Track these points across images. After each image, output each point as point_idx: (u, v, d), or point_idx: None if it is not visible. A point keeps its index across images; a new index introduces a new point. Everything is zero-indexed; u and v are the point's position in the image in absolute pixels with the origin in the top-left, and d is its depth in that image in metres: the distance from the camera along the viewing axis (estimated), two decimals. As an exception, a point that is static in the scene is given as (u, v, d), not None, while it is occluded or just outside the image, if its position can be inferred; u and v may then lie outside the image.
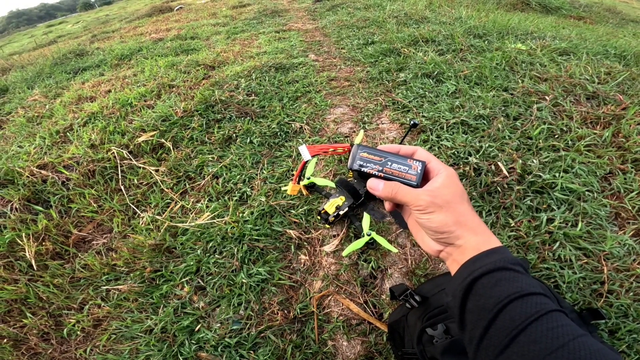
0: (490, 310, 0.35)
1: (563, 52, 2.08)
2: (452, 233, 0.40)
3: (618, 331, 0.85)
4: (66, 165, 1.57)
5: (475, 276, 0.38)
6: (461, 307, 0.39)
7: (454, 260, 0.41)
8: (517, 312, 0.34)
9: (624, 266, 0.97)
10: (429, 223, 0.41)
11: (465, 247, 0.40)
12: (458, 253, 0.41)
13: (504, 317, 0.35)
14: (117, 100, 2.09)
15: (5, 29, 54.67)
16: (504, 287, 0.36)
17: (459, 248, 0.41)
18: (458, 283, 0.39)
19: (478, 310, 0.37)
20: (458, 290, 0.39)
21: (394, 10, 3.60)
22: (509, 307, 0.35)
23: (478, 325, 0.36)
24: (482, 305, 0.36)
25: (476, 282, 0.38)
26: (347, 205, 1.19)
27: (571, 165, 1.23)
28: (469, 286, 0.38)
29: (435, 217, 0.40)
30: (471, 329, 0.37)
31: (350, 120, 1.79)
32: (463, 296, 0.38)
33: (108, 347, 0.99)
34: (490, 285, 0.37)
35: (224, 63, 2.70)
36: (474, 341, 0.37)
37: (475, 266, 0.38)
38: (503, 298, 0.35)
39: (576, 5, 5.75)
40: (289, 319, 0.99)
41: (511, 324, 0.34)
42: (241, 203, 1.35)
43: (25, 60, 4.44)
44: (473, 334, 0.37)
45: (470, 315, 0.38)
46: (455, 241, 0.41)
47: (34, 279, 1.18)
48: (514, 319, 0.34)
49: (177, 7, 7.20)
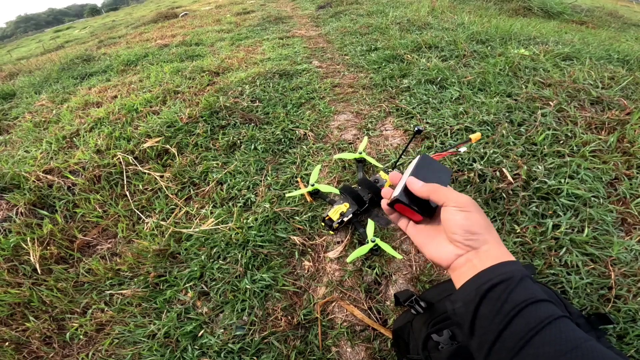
0: (506, 314, 0.36)
1: (566, 57, 2.08)
2: (481, 236, 0.42)
3: (626, 336, 0.84)
4: (72, 171, 1.58)
5: (495, 282, 0.39)
6: (474, 312, 0.39)
7: (472, 266, 0.42)
8: (531, 316, 0.36)
9: (631, 271, 0.96)
10: (465, 221, 0.43)
11: (488, 254, 0.42)
12: (478, 259, 0.42)
13: (519, 321, 0.36)
14: (123, 106, 2.11)
15: (13, 34, 55.48)
16: (520, 293, 0.38)
17: (480, 254, 0.42)
18: (473, 288, 0.40)
19: (492, 315, 0.37)
20: (474, 295, 0.40)
21: (396, 16, 3.63)
22: (524, 311, 0.36)
23: (491, 329, 0.37)
24: (498, 310, 0.37)
25: (495, 287, 0.39)
26: (352, 211, 1.19)
27: (576, 171, 1.23)
28: (487, 292, 0.39)
29: (472, 216, 0.43)
30: (482, 333, 0.38)
31: (354, 126, 1.80)
32: (479, 301, 0.39)
33: (110, 352, 0.99)
34: (508, 291, 0.38)
35: (229, 69, 2.73)
36: (485, 345, 0.37)
37: (494, 273, 0.40)
38: (519, 303, 0.37)
39: (578, 10, 5.77)
40: (292, 325, 0.98)
41: (526, 327, 0.35)
42: (245, 209, 1.35)
43: (33, 65, 4.50)
44: (485, 338, 0.37)
45: (483, 321, 0.38)
46: (481, 246, 0.42)
47: (38, 282, 1.18)
48: (529, 322, 0.35)
49: (182, 13, 7.31)
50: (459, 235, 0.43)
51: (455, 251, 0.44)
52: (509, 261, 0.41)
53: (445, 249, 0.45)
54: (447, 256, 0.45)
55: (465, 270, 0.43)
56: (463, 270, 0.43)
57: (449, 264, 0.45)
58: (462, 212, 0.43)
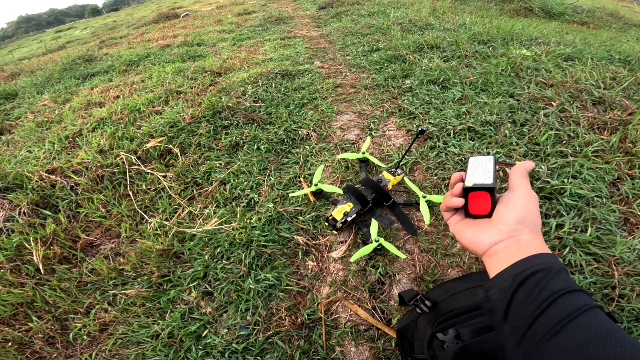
0: (543, 300, 0.38)
1: (568, 58, 2.09)
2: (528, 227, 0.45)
3: (630, 335, 0.84)
4: (75, 171, 1.59)
5: (534, 271, 0.40)
6: (511, 298, 0.40)
7: (510, 253, 0.44)
8: (568, 304, 0.37)
9: (634, 271, 0.96)
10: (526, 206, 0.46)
11: (527, 244, 0.44)
12: (517, 248, 0.44)
13: (557, 307, 0.37)
14: (125, 106, 2.12)
15: (14, 34, 55.57)
16: (558, 281, 0.39)
17: (520, 243, 0.44)
18: (511, 275, 0.42)
19: (529, 301, 0.39)
20: (511, 282, 0.41)
21: (398, 17, 3.63)
22: (561, 299, 0.38)
23: (526, 314, 0.38)
24: (535, 296, 0.39)
25: (533, 275, 0.40)
26: (355, 211, 1.19)
27: (579, 171, 1.23)
28: (525, 279, 0.40)
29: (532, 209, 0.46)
30: (517, 318, 0.39)
31: (356, 127, 1.80)
32: (517, 287, 0.40)
33: (114, 352, 0.99)
34: (546, 279, 0.39)
35: (231, 70, 2.73)
36: (519, 330, 0.38)
37: (533, 262, 0.41)
38: (557, 290, 0.38)
39: (579, 11, 5.77)
40: (296, 325, 0.98)
41: (563, 312, 0.37)
42: (249, 209, 1.35)
43: (34, 65, 4.51)
44: (519, 323, 0.39)
45: (518, 306, 0.40)
46: (525, 235, 0.44)
47: (41, 282, 1.18)
48: (566, 309, 0.37)
49: (183, 14, 7.31)
50: (512, 218, 0.45)
51: (496, 236, 0.46)
52: (548, 253, 0.42)
53: (485, 233, 0.47)
54: (487, 240, 0.46)
55: (503, 256, 0.44)
56: (501, 256, 0.44)
57: (486, 250, 0.46)
58: (527, 199, 0.46)
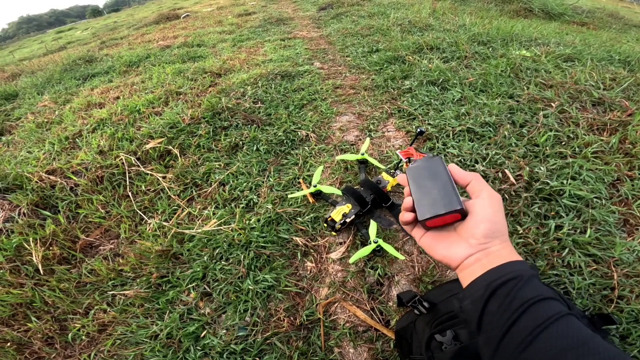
0: (514, 310, 0.37)
1: (567, 58, 2.08)
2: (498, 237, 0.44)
3: (629, 336, 0.84)
4: (75, 171, 1.59)
5: (504, 280, 0.40)
6: (483, 308, 0.40)
7: (481, 265, 0.43)
8: (540, 313, 0.37)
9: (633, 272, 0.96)
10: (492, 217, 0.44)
11: (497, 253, 0.43)
12: (488, 259, 0.43)
13: (527, 317, 0.37)
14: (125, 107, 2.12)
15: (15, 35, 55.68)
16: (528, 291, 0.39)
17: (490, 254, 0.43)
18: (482, 285, 0.41)
19: (501, 312, 0.38)
20: (482, 292, 0.41)
21: (398, 18, 3.63)
22: (532, 308, 0.37)
23: (499, 325, 0.38)
24: (506, 306, 0.38)
25: (503, 285, 0.39)
26: (354, 212, 1.19)
27: (579, 172, 1.23)
28: (495, 289, 0.40)
29: (499, 216, 0.44)
30: (490, 329, 0.39)
31: (356, 128, 1.80)
32: (488, 297, 0.40)
33: (113, 353, 0.99)
34: (516, 288, 0.39)
35: (230, 71, 2.74)
36: (493, 341, 0.38)
37: (503, 271, 0.41)
38: (528, 300, 0.38)
39: (579, 11, 5.77)
40: (295, 326, 0.98)
41: (534, 323, 0.36)
42: (248, 210, 1.35)
43: (35, 66, 4.51)
44: (493, 334, 0.38)
45: (491, 317, 0.39)
46: (494, 245, 0.43)
47: (40, 283, 1.18)
48: (537, 318, 0.36)
49: (183, 14, 7.32)
50: (480, 231, 0.44)
51: (467, 250, 0.44)
52: (518, 260, 0.42)
53: (456, 248, 0.46)
54: (458, 255, 0.45)
55: (474, 268, 0.43)
56: (472, 269, 0.44)
57: (459, 264, 0.45)
58: (492, 208, 0.44)
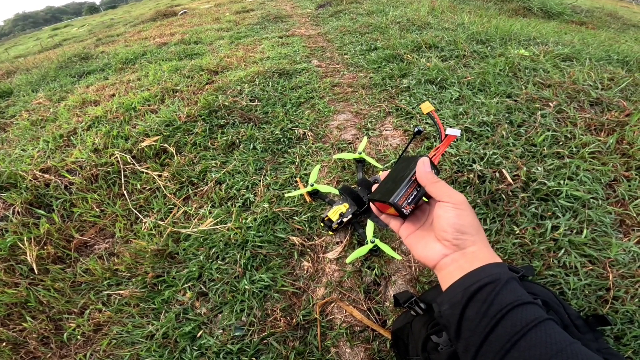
0: (492, 317, 0.37)
1: (566, 58, 2.08)
2: (472, 236, 0.42)
3: (624, 337, 0.84)
4: (69, 170, 1.57)
5: (481, 284, 0.39)
6: (461, 314, 0.39)
7: (459, 266, 0.42)
8: (517, 319, 0.36)
9: (629, 273, 0.96)
10: (457, 219, 0.42)
11: (474, 255, 0.41)
12: (465, 260, 0.42)
13: (505, 324, 0.36)
14: (121, 105, 2.10)
15: (11, 32, 55.19)
16: (507, 295, 0.38)
17: (467, 255, 0.42)
18: (460, 290, 0.40)
19: (479, 318, 0.37)
20: (460, 297, 0.40)
21: (396, 16, 3.62)
22: (510, 314, 0.36)
23: (477, 332, 0.37)
24: (484, 312, 0.37)
25: (481, 289, 0.38)
26: (351, 212, 1.19)
27: (576, 173, 1.23)
28: (473, 294, 0.39)
29: (464, 216, 0.43)
30: (469, 336, 0.38)
31: (353, 126, 1.79)
32: (466, 303, 0.39)
33: (108, 352, 0.99)
34: (494, 293, 0.38)
35: (228, 68, 2.72)
36: (472, 349, 0.37)
37: (481, 275, 0.39)
38: (506, 305, 0.37)
39: (578, 11, 5.77)
40: (291, 326, 0.98)
41: (512, 329, 0.35)
42: (244, 209, 1.35)
43: (30, 63, 4.47)
44: (471, 341, 0.37)
45: (469, 323, 0.38)
46: (469, 246, 0.42)
47: (35, 282, 1.17)
48: (515, 325, 0.36)
49: (181, 11, 7.27)
50: (448, 234, 0.43)
51: (442, 250, 0.44)
52: (496, 263, 0.41)
53: (432, 248, 0.45)
54: (433, 255, 0.44)
55: (451, 270, 0.43)
56: (449, 271, 0.43)
57: (435, 264, 0.45)
58: (455, 210, 0.43)
